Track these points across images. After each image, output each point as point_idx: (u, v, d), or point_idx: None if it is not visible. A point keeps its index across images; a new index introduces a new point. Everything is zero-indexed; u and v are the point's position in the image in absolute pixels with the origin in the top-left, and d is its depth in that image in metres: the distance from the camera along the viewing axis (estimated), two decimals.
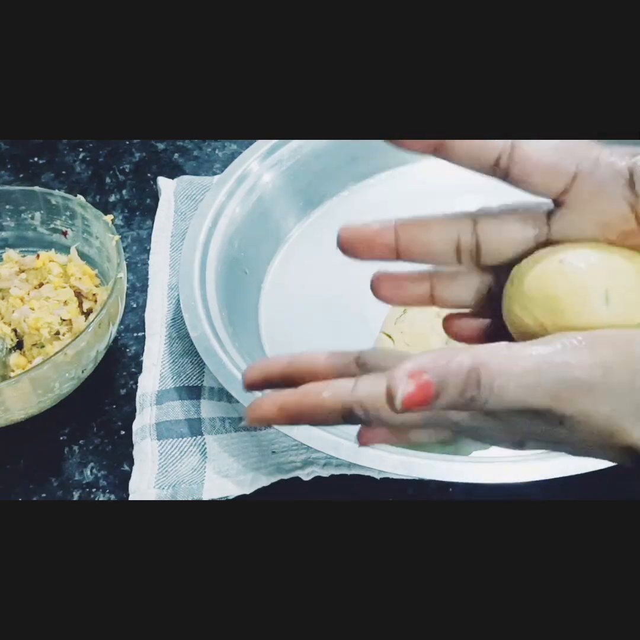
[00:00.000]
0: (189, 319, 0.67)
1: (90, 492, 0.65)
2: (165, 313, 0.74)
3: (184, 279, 0.70)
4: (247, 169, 0.78)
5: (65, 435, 0.68)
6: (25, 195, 0.75)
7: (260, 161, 0.79)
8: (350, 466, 0.61)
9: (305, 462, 0.62)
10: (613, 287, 0.38)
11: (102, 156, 0.91)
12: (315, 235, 0.78)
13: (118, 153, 0.91)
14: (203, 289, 0.70)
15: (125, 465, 0.66)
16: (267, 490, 0.62)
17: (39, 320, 0.67)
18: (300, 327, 0.73)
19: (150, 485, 0.63)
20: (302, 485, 0.62)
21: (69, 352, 0.63)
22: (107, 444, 0.68)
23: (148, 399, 0.68)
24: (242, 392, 0.62)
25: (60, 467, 0.67)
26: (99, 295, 0.71)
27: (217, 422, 0.66)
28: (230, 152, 0.89)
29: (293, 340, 0.72)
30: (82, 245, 0.74)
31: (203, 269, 0.71)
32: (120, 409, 0.70)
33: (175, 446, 0.65)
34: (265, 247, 0.78)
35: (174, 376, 0.69)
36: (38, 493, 0.65)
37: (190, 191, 0.83)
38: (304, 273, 0.77)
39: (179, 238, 0.79)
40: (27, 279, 0.72)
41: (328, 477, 0.62)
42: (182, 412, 0.67)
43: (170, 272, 0.77)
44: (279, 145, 0.80)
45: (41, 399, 0.65)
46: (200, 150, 0.90)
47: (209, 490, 0.62)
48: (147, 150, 0.91)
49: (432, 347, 0.63)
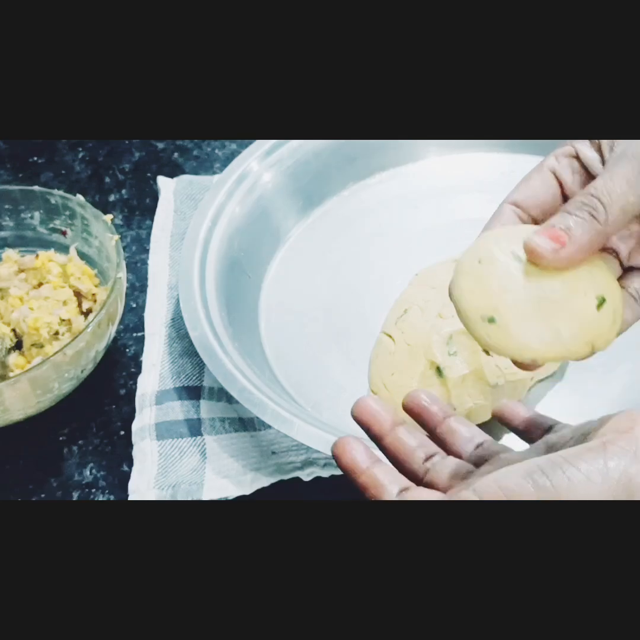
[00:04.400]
0: (189, 318, 0.67)
1: (89, 492, 0.65)
2: (165, 313, 0.74)
3: (184, 278, 0.70)
4: (247, 169, 0.78)
5: (65, 436, 0.68)
6: (25, 194, 0.75)
7: (260, 161, 0.79)
8: None
9: (305, 462, 0.62)
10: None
11: (101, 156, 0.91)
12: (315, 235, 0.78)
13: (118, 153, 0.91)
14: (203, 288, 0.70)
15: (125, 465, 0.66)
16: (267, 491, 0.62)
17: (38, 320, 0.67)
18: (300, 327, 0.73)
19: (149, 485, 0.62)
20: (302, 486, 0.62)
21: (68, 352, 0.63)
22: (106, 444, 0.68)
23: (148, 399, 0.67)
24: (242, 392, 0.62)
25: (59, 467, 0.67)
26: (98, 295, 0.71)
27: (216, 423, 0.66)
28: (230, 152, 0.89)
29: (293, 340, 0.72)
30: (81, 245, 0.74)
31: (203, 269, 0.71)
32: (120, 409, 0.70)
33: (175, 446, 0.65)
34: (265, 247, 0.78)
35: (173, 376, 0.69)
36: (37, 493, 0.65)
37: (190, 191, 0.83)
38: (304, 273, 0.77)
39: (179, 238, 0.79)
40: (26, 279, 0.72)
41: (328, 477, 0.62)
42: (181, 412, 0.67)
43: (170, 272, 0.77)
44: (278, 145, 0.80)
45: (40, 399, 0.65)
46: (200, 150, 0.90)
47: (208, 490, 0.62)
48: (147, 150, 0.91)
49: (432, 347, 0.63)
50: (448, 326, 0.63)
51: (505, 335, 0.41)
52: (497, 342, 0.42)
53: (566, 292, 0.42)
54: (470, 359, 0.62)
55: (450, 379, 0.61)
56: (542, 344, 0.41)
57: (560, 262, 0.41)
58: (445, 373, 0.61)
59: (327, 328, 0.73)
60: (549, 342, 0.41)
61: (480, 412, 0.63)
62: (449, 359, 0.62)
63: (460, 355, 0.62)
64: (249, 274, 0.76)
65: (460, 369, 0.62)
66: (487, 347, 0.42)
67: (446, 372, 0.61)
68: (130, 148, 0.91)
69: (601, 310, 0.42)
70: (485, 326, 0.42)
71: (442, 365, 0.62)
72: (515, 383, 0.63)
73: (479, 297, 0.43)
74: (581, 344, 0.42)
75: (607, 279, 0.44)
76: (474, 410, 0.62)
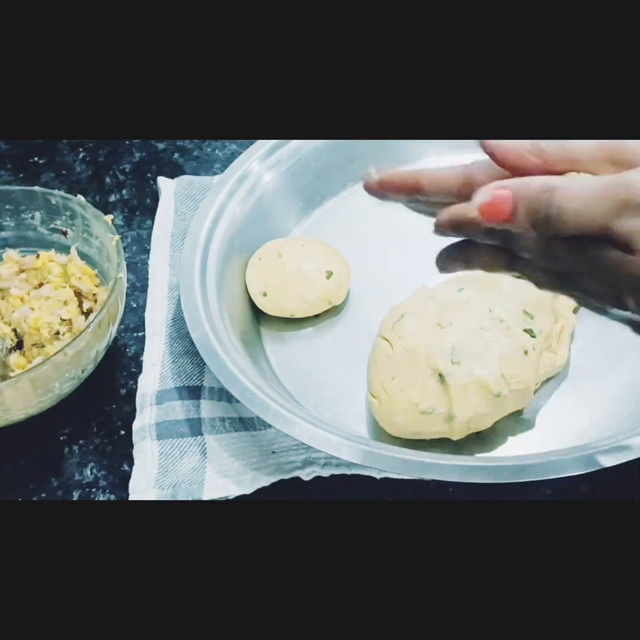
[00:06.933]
0: (190, 319, 0.67)
1: (90, 492, 0.65)
2: (166, 313, 0.74)
3: (185, 278, 0.70)
4: (248, 169, 0.78)
5: (65, 435, 0.68)
6: (25, 195, 0.75)
7: (260, 161, 0.79)
8: (350, 466, 0.61)
9: (306, 462, 0.62)
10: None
11: (102, 156, 0.91)
12: (315, 235, 0.78)
13: (118, 153, 0.91)
14: (204, 289, 0.70)
15: (125, 465, 0.66)
16: (267, 490, 0.62)
17: (39, 320, 0.67)
18: (300, 327, 0.73)
19: (150, 485, 0.63)
20: (302, 485, 0.62)
21: (68, 352, 0.63)
22: (107, 444, 0.68)
23: (148, 399, 0.68)
24: (244, 392, 0.62)
25: (60, 467, 0.67)
26: (99, 295, 0.71)
27: (217, 422, 0.66)
28: (230, 152, 0.89)
29: (293, 340, 0.73)
30: (82, 245, 0.74)
31: (204, 269, 0.71)
32: (120, 409, 0.70)
33: (175, 446, 0.65)
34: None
35: (174, 376, 0.69)
36: (38, 493, 0.65)
37: (191, 191, 0.83)
38: None
39: (179, 238, 0.79)
40: (27, 279, 0.72)
41: (328, 477, 0.62)
42: (182, 412, 0.67)
43: (171, 272, 0.77)
44: (279, 145, 0.80)
45: (41, 398, 0.65)
46: (200, 150, 0.90)
47: (209, 490, 0.62)
48: (147, 150, 0.91)
49: (435, 355, 0.62)
50: (449, 335, 0.63)
51: (272, 302, 0.73)
52: (268, 308, 0.73)
53: (307, 271, 0.72)
54: (474, 368, 0.62)
55: (453, 386, 0.61)
56: (295, 305, 0.72)
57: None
58: (447, 380, 0.61)
59: (326, 328, 0.73)
60: (299, 304, 0.72)
61: (481, 420, 0.62)
62: (452, 367, 0.62)
63: (463, 365, 0.62)
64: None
65: (463, 377, 0.61)
66: (265, 310, 0.73)
67: (448, 379, 0.61)
68: (131, 148, 0.91)
69: (330, 279, 0.72)
70: (261, 297, 0.73)
71: (444, 373, 0.61)
72: (519, 392, 0.63)
73: (257, 280, 0.73)
74: (320, 302, 0.72)
75: (335, 259, 0.74)
76: (475, 418, 0.62)
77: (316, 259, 0.73)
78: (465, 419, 0.62)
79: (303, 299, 0.72)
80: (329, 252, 0.74)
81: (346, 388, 0.68)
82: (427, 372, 0.62)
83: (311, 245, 0.75)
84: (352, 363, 0.69)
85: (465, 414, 0.61)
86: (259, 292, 0.73)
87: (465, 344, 0.62)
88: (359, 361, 0.68)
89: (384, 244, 0.78)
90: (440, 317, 0.64)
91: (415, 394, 0.62)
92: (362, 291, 0.76)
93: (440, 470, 0.57)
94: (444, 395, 0.61)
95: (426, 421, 0.62)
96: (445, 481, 0.57)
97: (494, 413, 0.63)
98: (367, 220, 0.80)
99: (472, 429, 0.63)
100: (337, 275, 0.73)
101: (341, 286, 0.73)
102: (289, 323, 0.73)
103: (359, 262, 0.76)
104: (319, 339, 0.73)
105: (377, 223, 0.80)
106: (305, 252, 0.74)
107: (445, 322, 0.64)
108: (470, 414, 0.61)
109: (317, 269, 0.73)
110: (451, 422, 0.62)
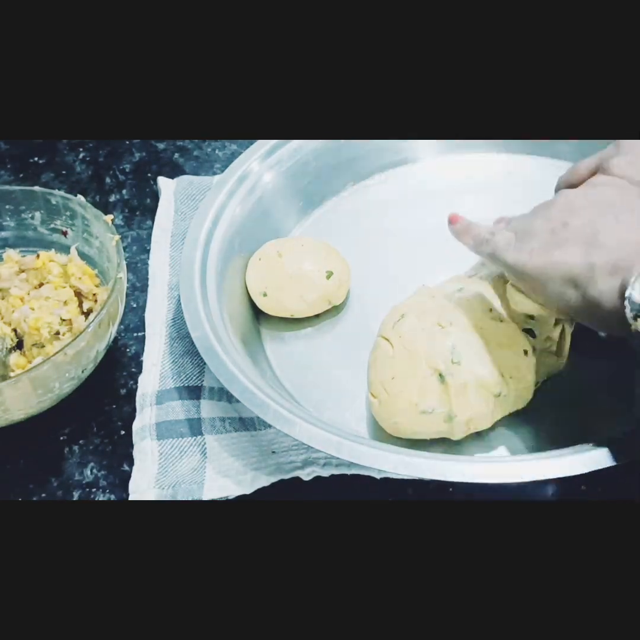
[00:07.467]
0: (190, 319, 0.67)
1: (90, 492, 0.65)
2: (166, 313, 0.74)
3: (185, 278, 0.70)
4: (248, 169, 0.78)
5: (65, 435, 0.68)
6: (25, 195, 0.75)
7: (260, 161, 0.79)
8: (350, 466, 0.61)
9: (306, 462, 0.63)
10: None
11: (102, 156, 0.91)
12: (315, 235, 0.78)
13: (118, 153, 0.91)
14: (204, 289, 0.70)
15: (125, 465, 0.66)
16: (267, 490, 0.62)
17: (39, 320, 0.67)
18: (300, 327, 0.73)
19: (150, 485, 0.63)
20: (302, 485, 0.62)
21: (68, 352, 0.63)
22: (107, 444, 0.68)
23: (148, 399, 0.68)
24: (244, 392, 0.62)
25: (60, 467, 0.67)
26: (99, 295, 0.71)
27: (217, 422, 0.66)
28: (230, 152, 0.89)
29: (293, 340, 0.73)
30: (82, 245, 0.74)
31: (204, 269, 0.71)
32: (120, 409, 0.70)
33: (175, 446, 0.65)
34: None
35: (174, 376, 0.69)
36: (38, 493, 0.65)
37: (191, 191, 0.83)
38: None
39: (179, 238, 0.79)
40: (27, 279, 0.72)
41: (328, 477, 0.62)
42: (182, 412, 0.67)
43: (171, 272, 0.77)
44: (279, 145, 0.80)
45: (41, 399, 0.65)
46: (200, 150, 0.90)
47: (209, 490, 0.62)
48: (147, 150, 0.91)
49: (435, 355, 0.62)
50: (450, 335, 0.63)
51: (272, 302, 0.73)
52: (268, 308, 0.73)
53: (307, 271, 0.73)
54: (474, 368, 0.62)
55: (453, 386, 0.61)
56: (295, 305, 0.72)
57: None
58: (447, 380, 0.61)
59: (327, 329, 0.73)
60: (299, 304, 0.72)
61: (481, 420, 0.62)
62: (452, 366, 0.62)
63: (463, 364, 0.62)
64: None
65: (463, 377, 0.61)
66: (264, 310, 0.74)
67: (448, 379, 0.61)
68: (131, 148, 0.91)
69: (330, 279, 0.72)
70: (261, 297, 0.73)
71: (444, 372, 0.61)
72: (519, 392, 0.63)
73: (257, 280, 0.74)
74: (320, 302, 0.73)
75: (335, 259, 0.74)
76: (475, 418, 0.62)
77: (316, 259, 0.73)
78: (465, 418, 0.62)
79: (303, 299, 0.72)
80: (329, 252, 0.74)
81: (346, 388, 0.68)
82: (427, 371, 0.62)
83: (311, 245, 0.75)
84: (352, 363, 0.69)
85: (465, 414, 0.61)
86: (259, 292, 0.73)
87: (466, 343, 0.62)
88: (359, 361, 0.68)
89: (384, 244, 0.78)
90: (440, 317, 0.64)
91: (415, 393, 0.62)
92: (362, 291, 0.76)
93: (440, 470, 0.57)
94: (444, 395, 0.61)
95: (426, 421, 0.62)
96: (445, 481, 0.57)
97: (494, 413, 0.63)
98: (367, 220, 0.80)
99: (472, 429, 0.63)
100: (337, 275, 0.73)
101: (341, 286, 0.74)
102: (289, 323, 0.74)
103: (359, 262, 0.76)
104: (319, 339, 0.73)
105: (377, 223, 0.80)
106: (305, 252, 0.74)
107: (446, 322, 0.64)
108: (470, 414, 0.62)
109: (317, 269, 0.73)
110: (451, 422, 0.62)
